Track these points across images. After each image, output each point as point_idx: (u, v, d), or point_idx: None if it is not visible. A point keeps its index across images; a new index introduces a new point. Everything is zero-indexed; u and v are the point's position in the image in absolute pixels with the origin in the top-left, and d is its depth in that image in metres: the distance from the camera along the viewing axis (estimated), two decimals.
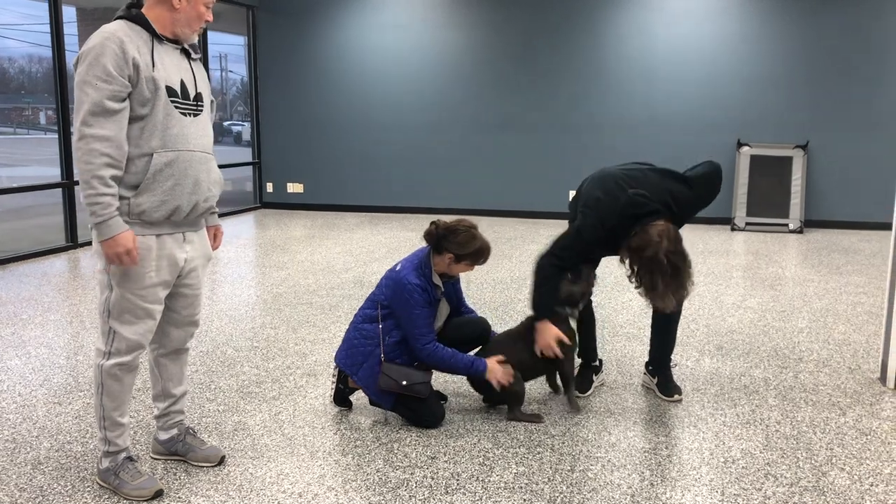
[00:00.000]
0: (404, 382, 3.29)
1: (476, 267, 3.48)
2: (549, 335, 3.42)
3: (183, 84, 2.65)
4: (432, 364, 3.36)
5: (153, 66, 2.56)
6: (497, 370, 3.38)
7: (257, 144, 10.70)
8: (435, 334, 3.40)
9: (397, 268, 3.40)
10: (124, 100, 2.52)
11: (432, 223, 3.42)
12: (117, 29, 2.54)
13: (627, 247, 3.29)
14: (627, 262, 3.32)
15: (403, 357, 3.38)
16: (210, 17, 2.69)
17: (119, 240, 2.52)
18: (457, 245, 3.35)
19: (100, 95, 2.47)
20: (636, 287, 3.34)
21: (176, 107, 2.61)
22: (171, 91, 2.60)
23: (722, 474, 2.95)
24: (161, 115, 2.57)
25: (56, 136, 7.59)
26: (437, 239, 3.37)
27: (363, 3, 10.01)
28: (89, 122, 2.47)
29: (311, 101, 10.36)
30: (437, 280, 3.41)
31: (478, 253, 3.38)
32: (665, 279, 3.21)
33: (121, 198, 2.56)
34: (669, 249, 3.20)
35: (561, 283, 3.46)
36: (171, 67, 2.62)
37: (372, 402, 3.47)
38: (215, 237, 3.00)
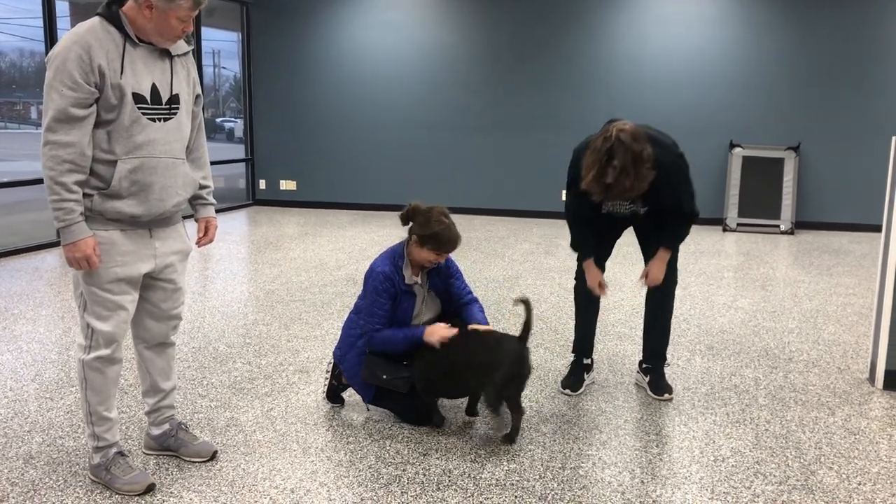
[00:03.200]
0: (385, 376, 3.28)
1: (442, 255, 3.28)
2: (594, 276, 3.66)
3: (154, 89, 2.61)
4: (375, 349, 3.28)
5: (121, 72, 2.53)
6: (435, 331, 3.20)
7: (250, 141, 10.68)
8: (380, 325, 3.25)
9: (377, 257, 3.40)
10: (90, 105, 2.50)
11: (409, 204, 3.36)
12: (88, 31, 2.51)
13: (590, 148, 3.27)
14: (587, 162, 3.25)
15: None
16: (189, 28, 2.61)
17: (80, 245, 2.53)
18: (419, 226, 3.25)
19: (65, 103, 2.46)
20: (594, 190, 3.28)
21: (144, 113, 2.58)
22: (138, 97, 2.56)
23: (712, 472, 2.97)
24: (127, 122, 2.55)
25: None
26: (407, 218, 3.32)
27: (357, 1, 10.01)
28: (54, 128, 2.47)
29: (305, 99, 10.35)
30: (407, 272, 3.30)
31: (438, 237, 3.22)
32: (600, 157, 3.16)
33: (85, 195, 2.57)
34: (621, 129, 3.17)
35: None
36: (142, 72, 2.58)
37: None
38: (206, 230, 2.98)
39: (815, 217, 9.15)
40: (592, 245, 3.69)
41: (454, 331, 3.21)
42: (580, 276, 3.81)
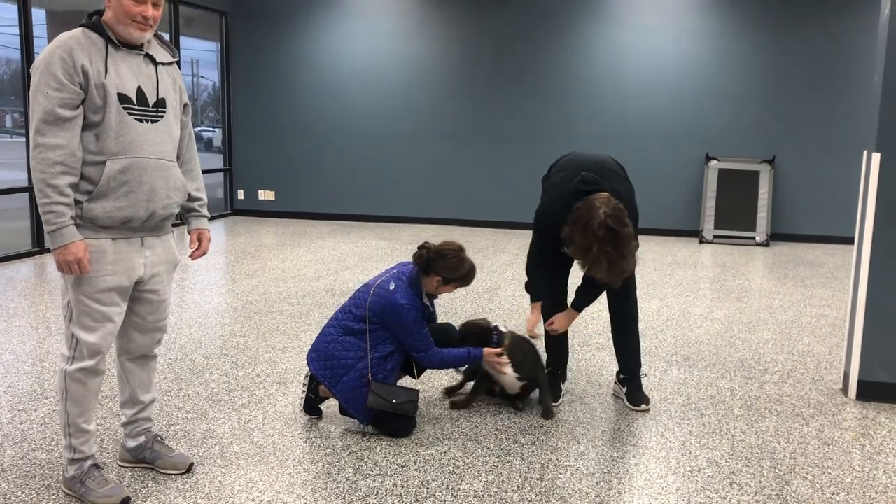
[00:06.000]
0: (394, 401, 3.32)
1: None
2: (535, 319, 3.70)
3: (140, 91, 2.63)
4: (436, 367, 3.48)
5: (105, 73, 2.55)
6: (492, 357, 3.54)
7: (229, 151, 10.63)
8: (432, 344, 3.45)
9: (390, 286, 3.38)
10: (77, 107, 2.52)
11: (421, 246, 3.47)
12: (70, 37, 2.55)
13: (571, 220, 3.29)
14: (569, 235, 3.30)
15: (386, 372, 3.38)
16: (147, 13, 2.59)
17: (71, 249, 2.53)
18: (446, 269, 3.44)
19: (51, 104, 2.47)
20: (579, 262, 3.36)
21: (130, 113, 2.60)
22: (123, 98, 2.58)
23: (688, 483, 2.99)
24: (114, 122, 2.57)
25: (23, 139, 7.48)
26: (427, 262, 3.44)
27: (337, 11, 10.02)
28: (42, 130, 2.48)
29: (284, 108, 10.33)
30: (426, 300, 3.50)
31: (466, 276, 3.50)
32: (602, 247, 3.20)
33: (75, 201, 2.57)
34: (608, 214, 3.20)
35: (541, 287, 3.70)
36: (126, 74, 2.61)
37: (342, 412, 3.47)
38: (200, 241, 2.97)
39: (790, 229, 9.26)
40: (546, 289, 3.73)
41: (503, 361, 3.58)
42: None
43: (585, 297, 3.67)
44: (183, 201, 2.85)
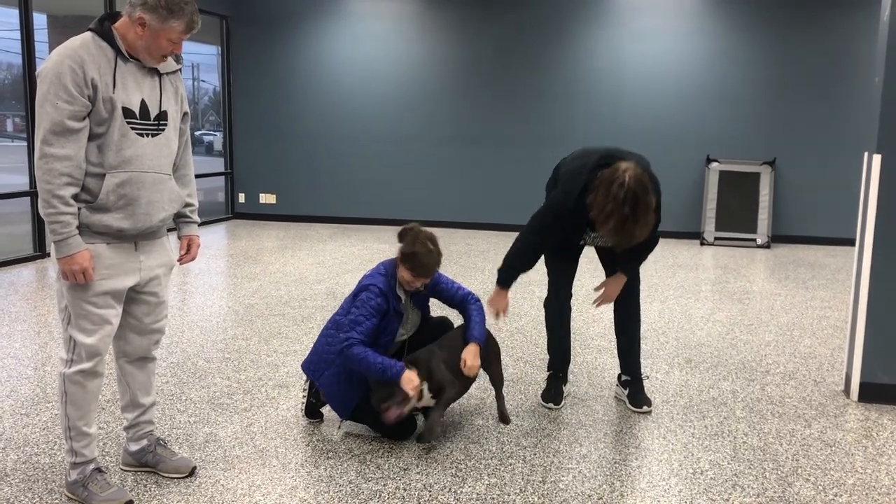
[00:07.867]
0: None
1: (417, 279, 3.30)
2: (501, 303, 3.72)
3: (143, 104, 2.63)
4: (346, 361, 3.22)
5: (113, 86, 2.55)
6: (411, 381, 3.16)
7: (230, 154, 10.64)
8: (362, 337, 3.18)
9: (367, 274, 3.41)
10: (84, 118, 2.52)
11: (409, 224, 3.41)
12: (81, 45, 2.53)
13: (595, 185, 3.26)
14: (592, 198, 3.24)
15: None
16: (178, 50, 2.65)
17: (77, 258, 2.54)
18: (405, 244, 3.31)
19: (61, 115, 2.47)
20: (593, 222, 3.28)
21: (132, 128, 2.60)
22: (127, 112, 2.59)
23: (690, 485, 2.99)
24: (116, 136, 2.57)
25: (24, 143, 7.48)
26: (401, 236, 3.36)
27: (337, 15, 10.04)
28: (50, 140, 2.48)
29: (285, 112, 10.34)
30: (399, 292, 3.36)
31: (412, 256, 3.25)
32: (620, 208, 3.15)
33: None
34: (633, 176, 3.18)
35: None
36: (132, 87, 2.61)
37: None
38: (189, 247, 2.98)
39: (791, 231, 9.26)
40: (520, 274, 3.70)
41: (416, 386, 3.18)
42: (552, 291, 3.85)
43: (631, 261, 3.63)
44: (178, 210, 2.87)
